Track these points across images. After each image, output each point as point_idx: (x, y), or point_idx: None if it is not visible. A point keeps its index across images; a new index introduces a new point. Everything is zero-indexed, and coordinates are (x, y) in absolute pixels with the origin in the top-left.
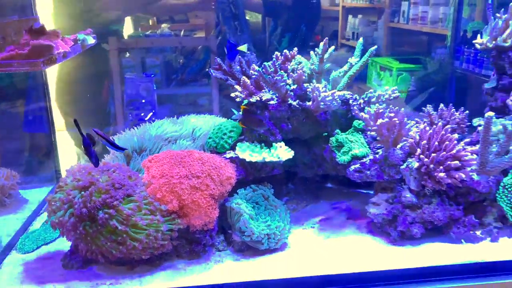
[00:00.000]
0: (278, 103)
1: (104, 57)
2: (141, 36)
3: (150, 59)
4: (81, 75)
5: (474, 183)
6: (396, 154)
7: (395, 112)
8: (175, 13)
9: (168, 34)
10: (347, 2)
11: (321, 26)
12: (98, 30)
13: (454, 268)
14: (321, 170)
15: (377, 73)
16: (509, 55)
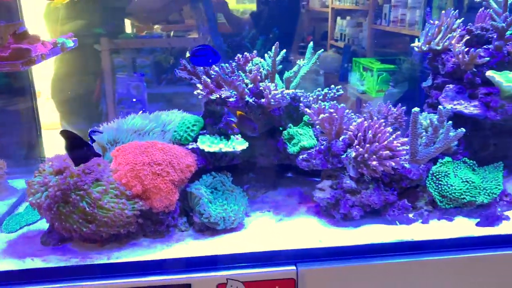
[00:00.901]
0: (237, 100)
1: (96, 57)
2: (132, 37)
3: (141, 59)
4: (76, 74)
5: (406, 170)
6: (337, 145)
7: (334, 107)
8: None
9: (158, 35)
10: (336, 4)
11: (313, 27)
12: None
13: (388, 246)
14: (276, 160)
15: (360, 73)
16: (442, 57)
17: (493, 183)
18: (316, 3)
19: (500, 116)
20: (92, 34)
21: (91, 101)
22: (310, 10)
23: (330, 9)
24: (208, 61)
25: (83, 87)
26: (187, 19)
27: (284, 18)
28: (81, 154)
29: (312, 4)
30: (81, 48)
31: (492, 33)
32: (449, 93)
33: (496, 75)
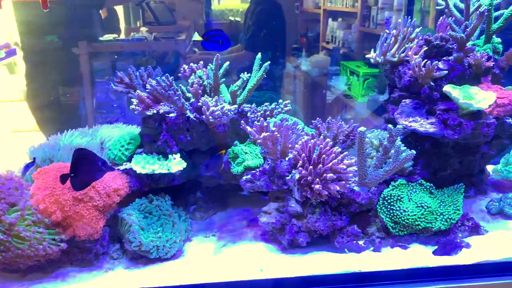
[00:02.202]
0: (177, 115)
1: (74, 61)
2: (112, 40)
3: (121, 63)
4: (52, 79)
5: (354, 194)
6: (282, 166)
7: (277, 126)
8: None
9: (139, 38)
10: (328, 5)
11: (306, 29)
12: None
13: (332, 278)
14: (222, 180)
15: (347, 77)
16: (399, 69)
17: (452, 207)
18: (310, 4)
19: (458, 135)
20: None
21: (69, 106)
22: (303, 11)
23: (322, 11)
24: (219, 46)
25: (59, 92)
26: (180, 20)
27: (272, 19)
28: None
29: (306, 5)
30: (56, 52)
31: (453, 43)
32: (405, 109)
33: (454, 90)
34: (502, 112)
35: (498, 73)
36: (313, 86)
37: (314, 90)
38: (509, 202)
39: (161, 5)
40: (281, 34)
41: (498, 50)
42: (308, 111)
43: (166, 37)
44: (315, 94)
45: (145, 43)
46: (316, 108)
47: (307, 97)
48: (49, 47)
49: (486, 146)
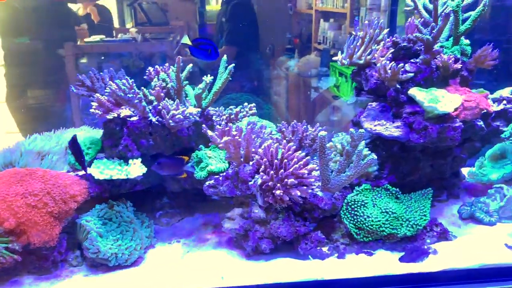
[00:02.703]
0: (139, 119)
1: (60, 62)
2: (98, 42)
3: (107, 64)
4: (36, 80)
5: (317, 199)
6: (245, 170)
7: (239, 130)
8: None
9: (126, 39)
10: (319, 6)
11: (300, 29)
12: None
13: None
14: (187, 184)
15: (336, 78)
16: (366, 72)
17: (418, 213)
18: (303, 4)
19: (423, 139)
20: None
21: (53, 108)
22: (297, 12)
23: (313, 11)
24: (208, 55)
25: (43, 93)
26: (173, 20)
27: (244, 14)
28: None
29: (299, 6)
30: (34, 53)
31: (421, 45)
32: (371, 112)
33: (419, 93)
34: (469, 115)
35: (466, 75)
36: (301, 87)
37: (302, 91)
38: (480, 206)
39: (154, 5)
40: (253, 29)
41: (467, 52)
42: (292, 113)
43: (154, 38)
44: (302, 95)
45: (132, 44)
46: (302, 109)
47: (293, 98)
48: (26, 49)
49: (457, 149)
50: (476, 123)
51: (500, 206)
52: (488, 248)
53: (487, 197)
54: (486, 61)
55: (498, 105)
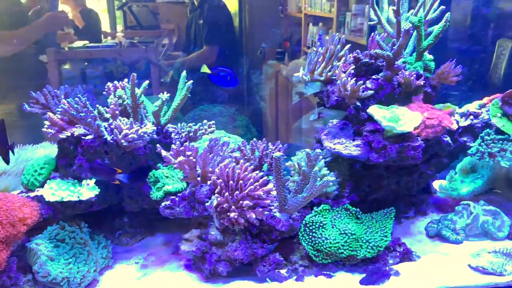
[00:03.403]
0: (94, 138)
1: (42, 69)
2: (81, 47)
3: (90, 70)
4: (18, 86)
5: (274, 221)
6: (201, 191)
7: (194, 150)
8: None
9: (109, 45)
10: (308, 10)
11: (290, 33)
12: None
13: None
14: (145, 204)
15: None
16: (327, 88)
17: (379, 234)
18: (294, 8)
19: (382, 158)
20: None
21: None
22: (288, 15)
23: (303, 15)
24: (227, 82)
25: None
26: (164, 24)
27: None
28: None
29: (290, 9)
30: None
31: (383, 61)
32: (332, 130)
33: (379, 111)
34: (431, 133)
35: (429, 91)
36: (288, 93)
37: (289, 96)
38: (447, 224)
39: (145, 9)
40: (231, 33)
41: (430, 67)
42: (273, 120)
43: (141, 42)
44: (288, 101)
45: (115, 50)
46: (286, 116)
47: (279, 104)
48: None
49: (424, 165)
50: (443, 139)
51: (467, 224)
52: (450, 269)
53: (454, 214)
54: (449, 77)
55: (465, 120)
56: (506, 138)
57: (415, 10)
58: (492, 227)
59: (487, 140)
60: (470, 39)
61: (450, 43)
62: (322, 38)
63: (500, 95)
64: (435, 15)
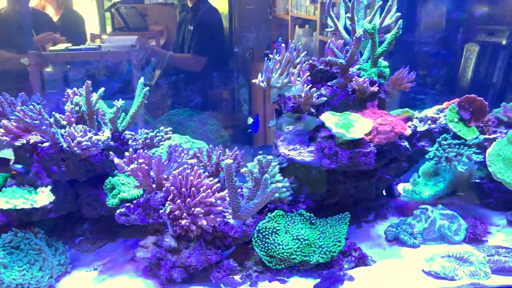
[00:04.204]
0: (50, 145)
1: (24, 72)
2: (62, 50)
3: (73, 73)
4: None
5: (227, 227)
6: (155, 198)
7: (147, 157)
8: None
9: (91, 48)
10: (294, 12)
11: (279, 34)
12: None
13: None
14: (103, 210)
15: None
16: (284, 95)
17: (333, 239)
18: (281, 10)
19: (334, 165)
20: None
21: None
22: (276, 17)
23: (289, 17)
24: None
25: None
26: (152, 25)
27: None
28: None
29: (278, 11)
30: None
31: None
32: (288, 136)
33: (330, 117)
34: (384, 139)
35: (384, 98)
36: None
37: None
38: (405, 228)
39: (133, 10)
40: (220, 40)
41: (385, 74)
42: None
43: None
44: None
45: (97, 53)
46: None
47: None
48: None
49: (383, 170)
50: (400, 143)
51: (424, 228)
52: (404, 274)
53: (412, 218)
54: (403, 83)
55: (423, 125)
56: (462, 143)
57: (370, 17)
58: (449, 231)
59: (444, 144)
60: (440, 43)
61: (420, 47)
62: (280, 45)
63: (458, 99)
64: (391, 22)
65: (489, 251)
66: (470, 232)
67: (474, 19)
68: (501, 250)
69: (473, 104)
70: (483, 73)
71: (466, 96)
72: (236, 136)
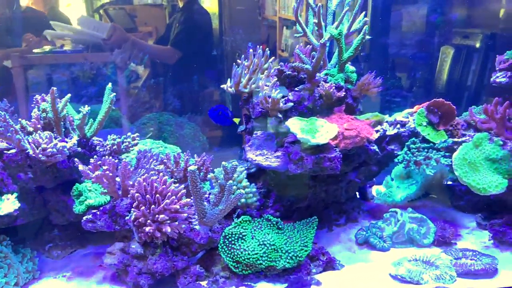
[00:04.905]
0: (16, 152)
1: (7, 74)
2: (47, 52)
3: (57, 75)
4: None
5: (193, 234)
6: (121, 205)
7: (111, 164)
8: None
9: (75, 50)
10: (282, 13)
11: (267, 35)
12: None
13: None
14: (72, 217)
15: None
16: (253, 100)
17: (299, 244)
18: (270, 11)
19: (300, 169)
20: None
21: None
22: (265, 18)
23: (277, 18)
24: (226, 120)
25: None
26: (141, 26)
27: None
28: None
29: (267, 11)
30: None
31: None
32: (256, 141)
33: (296, 122)
34: (349, 144)
35: (351, 102)
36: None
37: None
38: (375, 231)
39: (122, 11)
40: (205, 42)
41: (351, 79)
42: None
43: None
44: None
45: (81, 56)
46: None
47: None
48: None
49: (353, 174)
50: (370, 147)
51: (394, 231)
52: (372, 278)
53: (382, 221)
54: (370, 89)
55: (393, 128)
56: (431, 147)
57: (337, 22)
58: (417, 235)
59: (413, 148)
60: (417, 46)
61: (397, 49)
62: (248, 50)
63: (427, 103)
64: (359, 27)
65: (456, 254)
66: (439, 235)
67: (450, 22)
68: (468, 253)
69: (441, 108)
70: (458, 75)
71: (435, 100)
72: (225, 138)
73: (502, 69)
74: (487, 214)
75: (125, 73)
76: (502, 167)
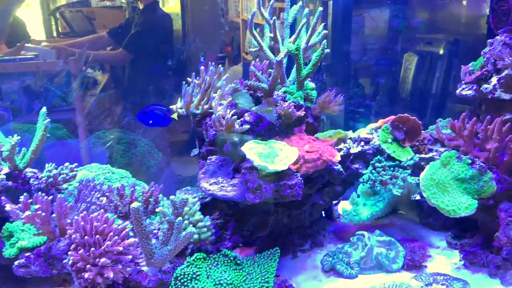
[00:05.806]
0: None
1: None
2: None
3: (6, 85)
4: None
5: (140, 276)
6: (58, 247)
7: (44, 203)
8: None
9: (25, 58)
10: (245, 15)
11: (231, 37)
12: None
13: None
14: (2, 260)
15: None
16: (206, 121)
17: (259, 280)
18: (233, 12)
19: (259, 199)
20: None
21: None
22: (228, 19)
23: (240, 20)
24: (161, 120)
25: None
26: (100, 29)
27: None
28: None
29: (230, 13)
30: None
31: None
32: (210, 167)
33: (253, 148)
34: (311, 168)
35: (312, 122)
36: None
37: None
38: (341, 257)
39: (79, 14)
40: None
41: (311, 97)
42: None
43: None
44: None
45: (32, 64)
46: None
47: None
48: None
49: (317, 196)
50: (333, 167)
51: (361, 257)
52: None
53: (349, 245)
54: (331, 107)
55: (357, 146)
56: (397, 165)
57: (294, 37)
58: (386, 260)
59: (378, 167)
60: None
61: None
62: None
63: (392, 118)
64: (318, 40)
65: (427, 279)
66: (408, 259)
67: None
68: (439, 277)
69: (406, 124)
70: (422, 83)
71: (399, 116)
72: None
73: (467, 82)
74: (457, 232)
75: (79, 80)
76: (471, 187)
